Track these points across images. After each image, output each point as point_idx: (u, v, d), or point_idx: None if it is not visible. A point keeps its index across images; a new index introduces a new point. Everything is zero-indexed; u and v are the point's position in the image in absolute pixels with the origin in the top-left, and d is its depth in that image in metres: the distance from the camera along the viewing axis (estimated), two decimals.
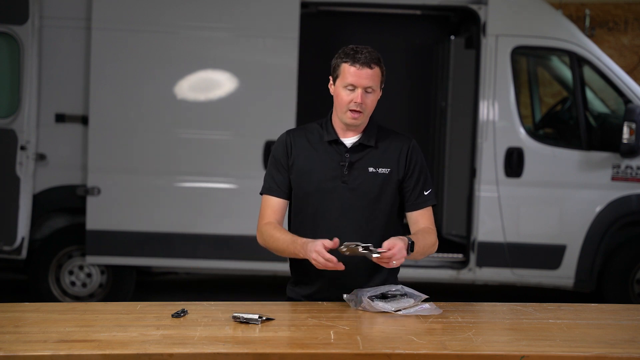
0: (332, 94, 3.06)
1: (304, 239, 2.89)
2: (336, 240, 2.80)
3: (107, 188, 6.08)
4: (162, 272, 7.00)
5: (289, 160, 3.05)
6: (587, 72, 6.39)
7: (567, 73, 6.62)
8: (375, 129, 3.08)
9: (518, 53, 6.36)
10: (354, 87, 2.96)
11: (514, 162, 6.20)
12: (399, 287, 2.90)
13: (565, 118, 6.76)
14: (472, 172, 6.33)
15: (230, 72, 6.18)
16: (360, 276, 3.00)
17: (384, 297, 2.84)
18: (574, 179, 6.23)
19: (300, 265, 3.05)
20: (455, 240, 6.98)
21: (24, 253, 6.03)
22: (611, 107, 6.72)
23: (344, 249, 2.79)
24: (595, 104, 6.80)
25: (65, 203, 6.31)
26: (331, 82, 3.06)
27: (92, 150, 6.08)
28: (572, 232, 6.23)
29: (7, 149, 6.00)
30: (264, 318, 2.67)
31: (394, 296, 2.85)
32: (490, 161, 6.21)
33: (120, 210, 6.14)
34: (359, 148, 3.03)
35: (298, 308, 2.85)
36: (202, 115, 6.16)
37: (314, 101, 8.10)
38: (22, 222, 6.00)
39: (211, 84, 6.23)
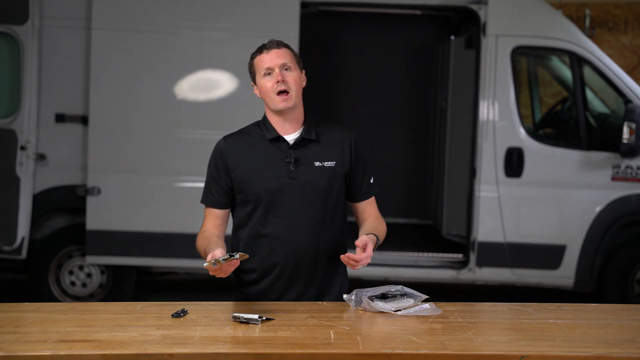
0: (259, 96, 3.06)
1: (208, 251, 2.86)
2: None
3: (107, 188, 6.08)
4: (162, 272, 7.00)
5: (228, 168, 3.03)
6: (587, 72, 6.40)
7: (567, 73, 6.62)
8: (314, 123, 3.08)
9: (518, 53, 6.36)
10: (272, 70, 2.98)
11: (514, 162, 6.20)
12: (399, 287, 2.91)
13: (565, 118, 6.77)
14: (472, 172, 6.33)
15: (230, 72, 6.18)
16: (314, 271, 3.03)
17: (384, 297, 2.84)
18: (574, 179, 6.23)
19: (244, 268, 3.04)
20: (455, 240, 6.99)
21: (24, 253, 6.03)
22: (611, 107, 6.72)
23: (210, 264, 2.73)
24: (595, 104, 6.80)
25: (65, 203, 6.31)
26: (254, 86, 3.07)
27: (92, 150, 6.08)
28: (572, 232, 6.23)
29: (7, 149, 6.00)
30: (264, 318, 2.67)
31: (394, 296, 2.85)
32: (490, 161, 6.22)
33: (120, 210, 6.14)
34: (302, 143, 3.02)
35: (298, 308, 2.85)
36: (202, 115, 6.16)
37: (314, 101, 8.13)
38: (22, 222, 6.00)
39: (211, 84, 6.23)
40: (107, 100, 6.09)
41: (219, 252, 2.78)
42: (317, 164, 3.01)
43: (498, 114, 6.24)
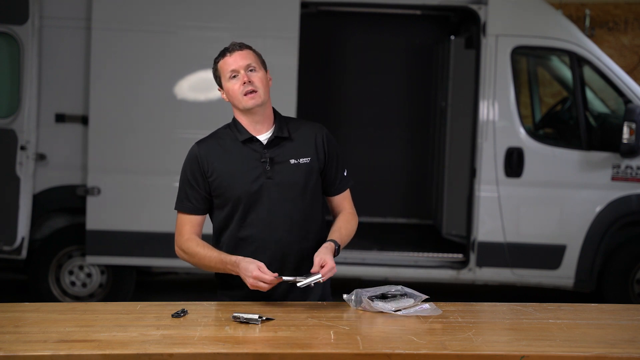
0: (227, 100, 3.09)
1: (233, 258, 2.88)
2: (274, 275, 2.82)
3: (107, 188, 6.08)
4: (162, 272, 7.00)
5: (205, 173, 3.02)
6: (587, 72, 6.40)
7: (567, 73, 6.62)
8: (285, 121, 3.10)
9: (518, 53, 6.36)
10: (237, 72, 3.00)
11: (514, 162, 6.20)
12: (399, 287, 2.91)
13: (565, 118, 6.77)
14: (472, 172, 6.33)
15: None
16: (300, 267, 3.02)
17: (384, 297, 2.84)
18: (574, 179, 6.23)
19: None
20: (455, 240, 6.99)
21: (24, 253, 6.03)
22: (611, 107, 6.72)
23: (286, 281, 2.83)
24: (595, 104, 6.80)
25: (65, 203, 6.31)
26: (221, 91, 3.08)
27: (92, 150, 6.08)
28: (572, 232, 6.23)
29: (7, 149, 6.00)
30: (264, 318, 2.67)
31: (394, 296, 2.85)
32: (490, 161, 6.21)
33: (120, 210, 6.14)
34: (275, 142, 3.03)
35: (298, 308, 2.86)
36: (202, 115, 6.16)
37: (314, 101, 8.13)
38: (22, 222, 6.00)
39: (211, 84, 6.12)
40: (107, 100, 6.09)
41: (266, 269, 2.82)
42: (292, 161, 3.01)
43: (498, 114, 6.24)
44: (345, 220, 3.11)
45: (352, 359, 2.38)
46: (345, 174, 3.15)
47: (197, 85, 6.20)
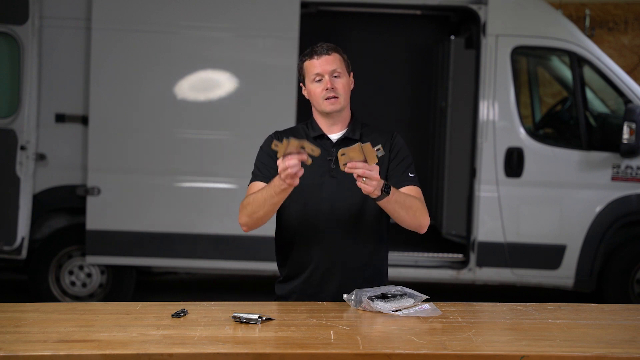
0: (307, 97, 3.12)
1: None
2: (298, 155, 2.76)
3: (107, 188, 6.08)
4: (162, 272, 7.00)
5: (276, 156, 3.04)
6: (587, 72, 6.40)
7: (567, 73, 6.62)
8: (360, 125, 3.15)
9: (518, 53, 6.36)
10: (321, 76, 3.04)
11: (514, 162, 6.20)
12: (399, 287, 2.91)
13: (565, 118, 6.77)
14: (472, 172, 6.33)
15: (230, 72, 6.18)
16: (350, 270, 3.05)
17: (384, 297, 2.84)
18: (574, 179, 6.24)
19: (289, 260, 3.11)
20: (455, 240, 6.99)
21: (24, 253, 6.03)
22: (611, 107, 6.72)
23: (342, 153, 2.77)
24: (595, 104, 6.80)
25: (65, 203, 6.31)
26: (303, 87, 3.13)
27: (92, 150, 6.08)
28: (572, 232, 6.23)
29: (7, 149, 6.00)
30: (264, 318, 2.67)
31: (394, 296, 2.85)
32: (490, 161, 6.22)
33: (120, 210, 6.14)
34: (345, 142, 3.06)
35: (298, 308, 2.85)
36: (202, 115, 6.16)
37: None
38: (22, 222, 6.00)
39: (211, 84, 6.23)
40: (107, 100, 6.09)
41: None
42: None
43: (498, 114, 6.24)
44: (409, 194, 2.98)
45: (352, 359, 2.38)
46: (411, 175, 3.06)
47: (197, 85, 6.21)
